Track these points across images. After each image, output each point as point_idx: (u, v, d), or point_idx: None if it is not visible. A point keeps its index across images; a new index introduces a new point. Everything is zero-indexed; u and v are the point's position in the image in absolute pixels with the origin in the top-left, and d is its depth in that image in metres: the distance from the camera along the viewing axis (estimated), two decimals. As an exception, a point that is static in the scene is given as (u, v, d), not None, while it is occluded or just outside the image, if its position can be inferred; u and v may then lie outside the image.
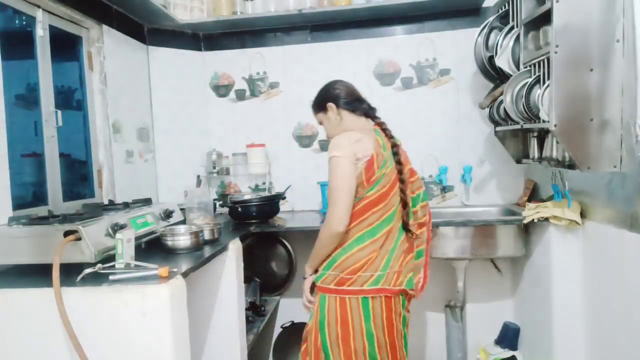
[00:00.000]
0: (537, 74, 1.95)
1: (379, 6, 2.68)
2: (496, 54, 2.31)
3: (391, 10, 2.75)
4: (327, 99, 1.80)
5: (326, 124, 1.84)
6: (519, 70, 2.15)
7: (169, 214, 2.05)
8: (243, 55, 3.01)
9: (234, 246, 1.99)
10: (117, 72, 2.51)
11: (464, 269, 2.58)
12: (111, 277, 1.39)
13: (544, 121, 1.89)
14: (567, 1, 1.71)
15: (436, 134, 2.85)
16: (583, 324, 2.07)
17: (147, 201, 2.13)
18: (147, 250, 1.77)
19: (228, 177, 3.06)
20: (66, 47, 2.32)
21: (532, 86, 1.96)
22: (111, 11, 2.49)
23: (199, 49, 3.03)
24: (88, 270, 1.42)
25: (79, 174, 2.38)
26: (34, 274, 1.46)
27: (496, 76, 2.45)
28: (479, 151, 2.82)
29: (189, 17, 2.83)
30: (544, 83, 1.89)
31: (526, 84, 2.01)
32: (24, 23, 2.02)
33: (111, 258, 1.49)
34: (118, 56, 2.52)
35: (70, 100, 2.36)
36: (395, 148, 1.74)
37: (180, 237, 1.78)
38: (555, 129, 1.74)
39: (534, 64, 1.99)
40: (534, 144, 2.25)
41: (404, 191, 1.72)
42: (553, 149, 2.04)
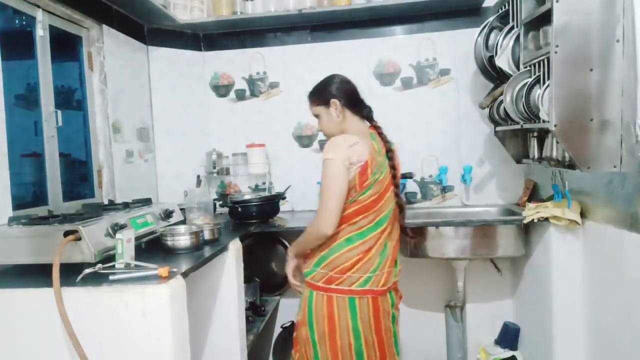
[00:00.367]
0: (537, 74, 1.95)
1: (379, 6, 2.68)
2: (496, 54, 2.31)
3: (391, 10, 2.74)
4: (331, 93, 1.75)
5: (324, 119, 1.78)
6: (519, 70, 2.15)
7: (169, 214, 2.05)
8: (243, 55, 3.01)
9: (234, 246, 1.99)
10: (117, 72, 2.51)
11: (464, 269, 2.58)
12: (111, 277, 1.39)
13: (544, 121, 1.89)
14: (567, 1, 1.71)
15: (436, 134, 2.85)
16: (583, 324, 2.07)
17: (147, 201, 2.13)
18: (147, 250, 1.77)
19: (228, 177, 3.06)
20: (66, 47, 2.32)
21: (532, 86, 1.96)
22: (111, 11, 2.49)
23: (199, 49, 3.03)
24: (88, 270, 1.42)
25: (79, 174, 2.38)
26: (34, 274, 1.46)
27: (496, 76, 2.45)
28: (479, 151, 2.82)
29: (189, 17, 2.83)
30: (544, 83, 1.88)
31: (526, 84, 2.00)
32: (24, 23, 2.02)
33: (111, 258, 1.49)
34: (118, 56, 2.52)
35: (70, 100, 2.36)
36: (390, 153, 1.73)
37: (180, 237, 1.78)
38: (555, 129, 1.74)
39: (534, 64, 1.99)
40: (534, 144, 2.25)
41: (398, 195, 1.73)
42: (553, 149, 2.03)
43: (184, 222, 2.14)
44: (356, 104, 1.77)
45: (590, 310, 2.02)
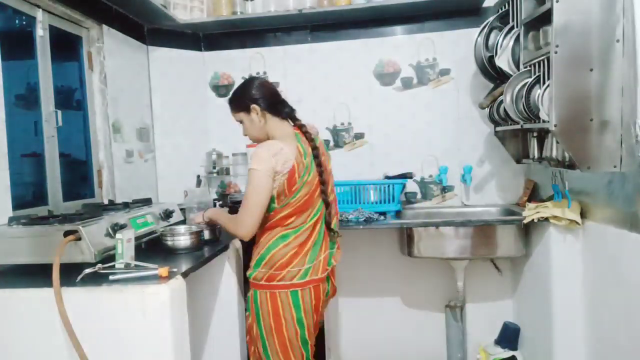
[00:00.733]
0: (537, 74, 1.95)
1: (379, 6, 2.68)
2: (496, 54, 2.31)
3: (391, 10, 2.74)
4: (250, 99, 1.76)
5: (247, 125, 1.81)
6: (519, 70, 2.15)
7: (169, 214, 2.05)
8: (243, 55, 3.01)
9: (234, 246, 1.99)
10: (117, 72, 2.51)
11: (464, 269, 2.58)
12: (111, 277, 1.39)
13: (544, 121, 1.89)
14: (567, 1, 1.71)
15: (436, 134, 2.85)
16: (583, 323, 2.07)
17: (147, 201, 2.13)
18: (147, 250, 1.77)
19: (228, 177, 3.05)
20: (66, 47, 2.32)
21: (532, 86, 1.96)
22: (111, 11, 2.49)
23: (199, 49, 3.03)
24: (88, 270, 1.42)
25: (79, 174, 2.38)
26: (34, 274, 1.46)
27: (496, 76, 2.45)
28: (479, 151, 2.82)
29: (189, 17, 2.83)
30: (544, 83, 1.89)
31: (526, 84, 2.01)
32: (24, 23, 2.02)
33: (111, 258, 1.49)
34: (118, 56, 2.52)
35: (70, 100, 2.36)
36: (315, 151, 1.75)
37: (180, 237, 1.78)
38: (555, 129, 1.74)
39: (534, 64, 1.99)
40: (534, 144, 2.25)
41: (325, 192, 1.77)
42: (553, 149, 2.03)
43: (184, 222, 2.14)
44: (276, 106, 1.79)
45: (590, 310, 2.02)
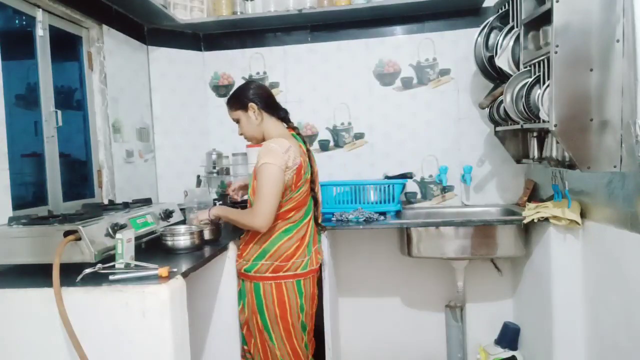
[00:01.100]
0: (537, 74, 1.95)
1: (379, 6, 2.68)
2: (496, 54, 2.31)
3: (391, 10, 2.74)
4: (248, 97, 1.87)
5: (244, 123, 1.91)
6: (519, 70, 2.15)
7: (169, 214, 2.05)
8: (243, 55, 3.01)
9: (234, 246, 1.99)
10: (117, 72, 2.51)
11: (464, 269, 2.58)
12: (111, 277, 1.39)
13: (544, 121, 1.89)
14: (567, 1, 1.71)
15: (436, 134, 2.85)
16: (583, 323, 2.07)
17: (147, 201, 2.13)
18: (147, 250, 1.77)
19: (228, 177, 3.05)
20: (66, 47, 2.32)
21: (532, 86, 1.96)
22: (111, 11, 2.49)
23: (199, 49, 3.03)
24: (88, 270, 1.42)
25: (79, 174, 2.38)
26: (34, 274, 1.46)
27: (496, 76, 2.46)
28: (479, 151, 2.82)
29: (189, 17, 2.83)
30: (544, 83, 1.89)
31: (526, 84, 2.01)
32: (24, 23, 2.02)
33: (111, 258, 1.49)
34: (118, 56, 2.52)
35: (70, 100, 2.36)
36: (309, 152, 1.93)
37: (180, 237, 1.78)
38: (555, 129, 1.74)
39: (534, 64, 1.99)
40: (534, 144, 2.25)
41: (314, 190, 1.95)
42: (553, 149, 2.03)
43: (184, 222, 2.14)
44: (272, 106, 1.93)
45: (590, 310, 2.02)
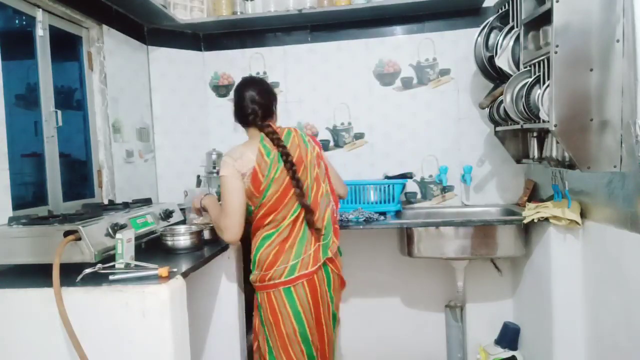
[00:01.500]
0: (537, 74, 1.95)
1: (379, 6, 2.68)
2: (496, 54, 2.31)
3: (391, 10, 2.74)
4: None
5: None
6: (519, 70, 2.15)
7: (169, 214, 2.05)
8: (243, 55, 3.01)
9: (234, 246, 1.99)
10: (117, 72, 2.51)
11: (464, 269, 2.58)
12: (111, 277, 1.39)
13: (544, 121, 1.89)
14: (567, 1, 1.71)
15: (436, 134, 2.85)
16: (583, 323, 2.07)
17: (147, 201, 2.14)
18: (147, 250, 1.77)
19: (228, 177, 3.05)
20: (66, 47, 2.32)
21: (532, 86, 1.96)
22: (111, 11, 2.49)
23: (199, 49, 3.03)
24: (88, 270, 1.42)
25: (79, 174, 2.38)
26: (34, 274, 1.46)
27: (496, 76, 2.45)
28: (479, 151, 2.82)
29: (189, 17, 2.83)
30: (544, 83, 1.88)
31: (526, 84, 2.00)
32: (24, 23, 2.02)
33: (111, 258, 1.50)
34: (118, 56, 2.52)
35: (70, 100, 2.36)
36: (282, 149, 1.74)
37: (180, 237, 1.79)
38: (555, 129, 1.74)
39: (534, 64, 1.99)
40: (534, 144, 2.25)
41: (302, 196, 1.74)
42: (553, 149, 2.03)
43: (184, 222, 2.14)
44: (241, 115, 1.84)
45: (590, 310, 2.02)
